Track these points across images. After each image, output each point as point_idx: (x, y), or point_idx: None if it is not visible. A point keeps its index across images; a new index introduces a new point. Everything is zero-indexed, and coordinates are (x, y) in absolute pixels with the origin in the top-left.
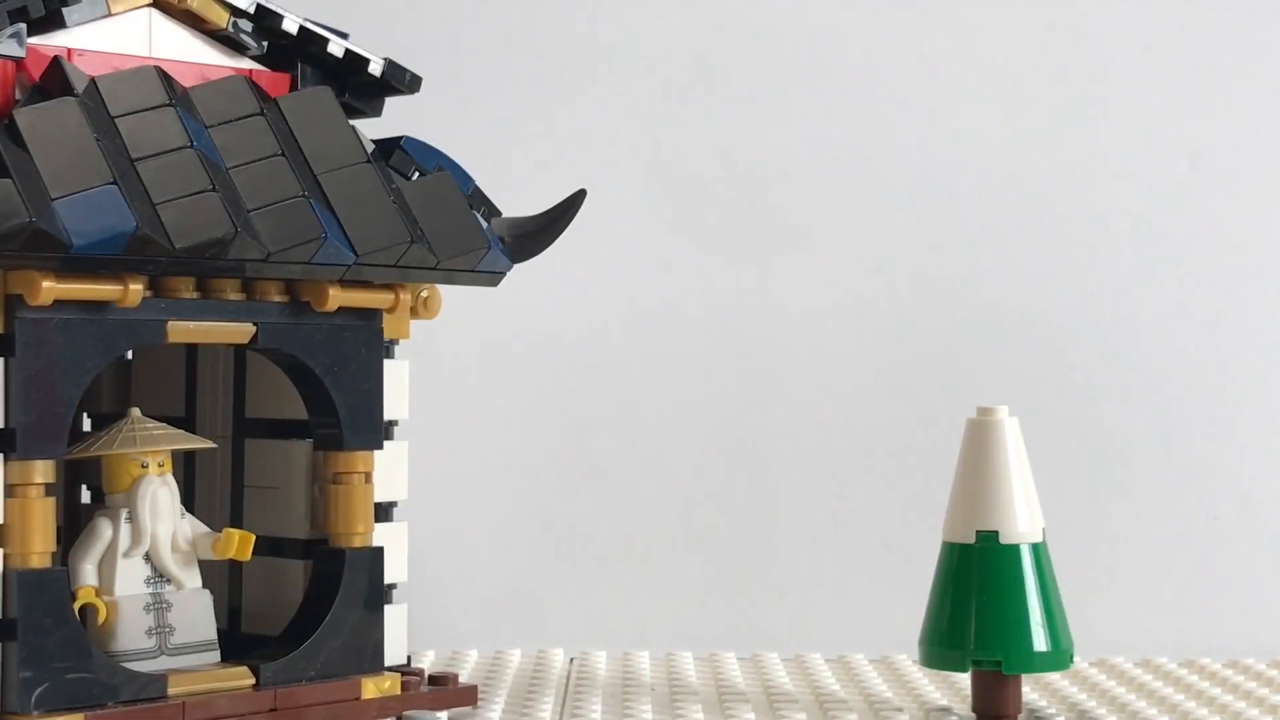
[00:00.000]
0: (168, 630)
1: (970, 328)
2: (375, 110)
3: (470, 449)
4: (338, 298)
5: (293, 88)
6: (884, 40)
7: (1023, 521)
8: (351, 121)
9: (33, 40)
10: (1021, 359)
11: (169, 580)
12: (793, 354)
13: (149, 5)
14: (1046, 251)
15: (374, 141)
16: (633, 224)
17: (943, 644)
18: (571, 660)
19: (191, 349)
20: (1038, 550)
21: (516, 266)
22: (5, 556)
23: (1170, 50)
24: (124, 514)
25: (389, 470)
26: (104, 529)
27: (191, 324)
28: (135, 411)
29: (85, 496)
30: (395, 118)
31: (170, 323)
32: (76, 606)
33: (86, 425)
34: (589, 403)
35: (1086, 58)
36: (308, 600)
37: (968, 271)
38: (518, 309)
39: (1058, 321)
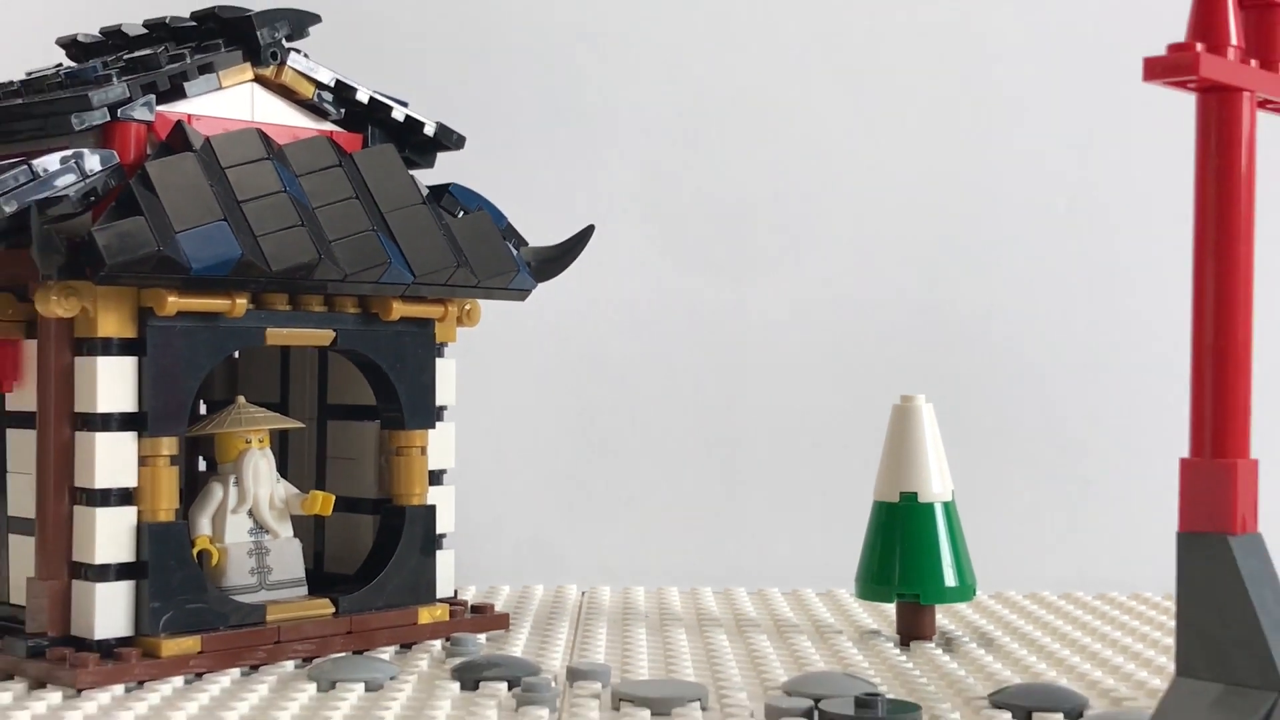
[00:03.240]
0: (266, 570)
1: (896, 332)
2: (429, 162)
3: (502, 428)
4: (400, 310)
5: (364, 145)
6: (826, 107)
7: (936, 485)
8: (410, 171)
9: (160, 108)
10: (937, 357)
11: (267, 531)
12: (758, 354)
13: (252, 81)
14: (954, 274)
15: (428, 187)
16: (631, 253)
17: (873, 581)
18: (583, 594)
19: (285, 350)
20: (948, 507)
21: (539, 285)
22: (139, 513)
23: (1053, 109)
24: (232, 479)
25: (440, 444)
26: (216, 491)
27: (285, 330)
28: (241, 399)
29: (201, 466)
30: (445, 168)
31: (268, 329)
32: (195, 552)
33: (202, 409)
34: (596, 391)
35: (988, 111)
36: (376, 547)
37: (895, 289)
38: (540, 319)
39: (965, 329)
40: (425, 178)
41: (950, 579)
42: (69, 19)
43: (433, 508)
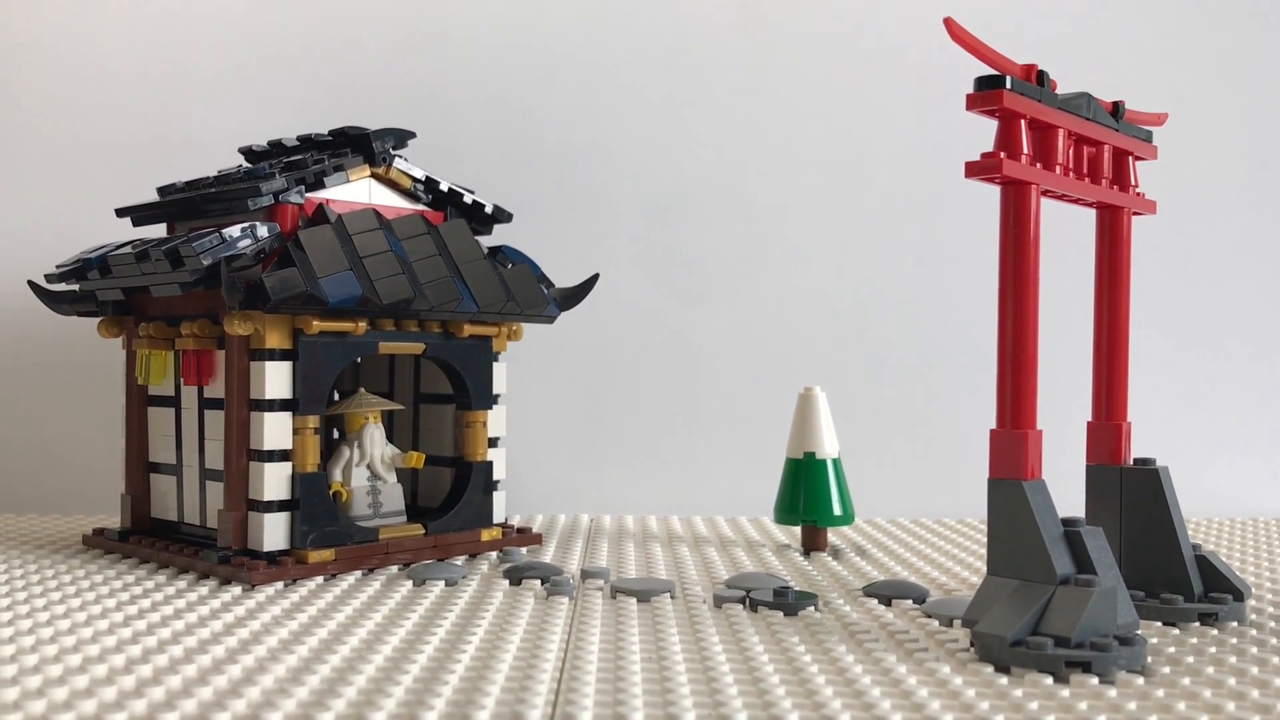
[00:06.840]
0: (379, 505)
1: (801, 344)
2: (488, 231)
3: (536, 408)
4: (469, 330)
5: (444, 219)
6: (754, 195)
7: (828, 446)
8: (475, 237)
9: (308, 195)
10: (828, 361)
11: (379, 478)
12: (709, 356)
13: (369, 176)
14: (840, 307)
15: (488, 248)
16: (626, 290)
17: (786, 510)
18: (591, 520)
19: (391, 356)
20: (836, 462)
21: (562, 314)
22: (293, 466)
23: (914, 202)
24: (355, 444)
25: (495, 420)
26: (345, 451)
27: (391, 343)
28: (362, 389)
29: (335, 434)
30: (499, 235)
31: (380, 343)
32: (330, 492)
33: (335, 397)
34: (598, 384)
35: (866, 218)
36: (452, 489)
37: (800, 315)
38: (561, 338)
39: (847, 344)
40: (486, 241)
41: (837, 510)
42: (246, 135)
43: (490, 462)
